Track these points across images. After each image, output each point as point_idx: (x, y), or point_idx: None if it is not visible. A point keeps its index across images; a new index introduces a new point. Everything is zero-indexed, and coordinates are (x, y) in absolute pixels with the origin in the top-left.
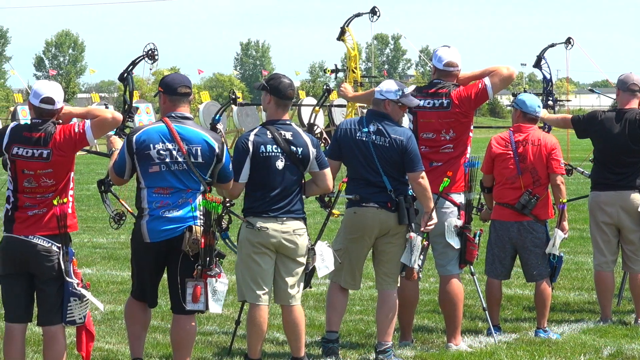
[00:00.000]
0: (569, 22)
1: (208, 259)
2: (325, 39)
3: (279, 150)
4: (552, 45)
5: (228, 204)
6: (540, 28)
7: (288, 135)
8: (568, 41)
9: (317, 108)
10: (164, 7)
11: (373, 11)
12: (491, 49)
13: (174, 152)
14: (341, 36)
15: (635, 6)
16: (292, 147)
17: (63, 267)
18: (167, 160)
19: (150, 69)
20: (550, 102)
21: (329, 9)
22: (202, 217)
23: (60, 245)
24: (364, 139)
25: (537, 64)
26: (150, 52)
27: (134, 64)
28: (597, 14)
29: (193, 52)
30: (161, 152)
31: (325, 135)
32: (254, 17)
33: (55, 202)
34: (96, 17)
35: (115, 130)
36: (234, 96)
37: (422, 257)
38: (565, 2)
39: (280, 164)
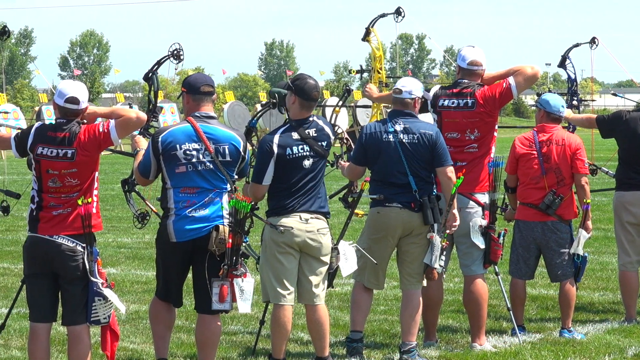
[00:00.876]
0: (593, 21)
1: (234, 258)
2: (349, 39)
3: (306, 150)
4: (577, 45)
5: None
6: (565, 28)
7: (312, 132)
8: (593, 41)
9: (337, 108)
10: (189, 7)
11: (398, 11)
12: (516, 48)
13: (201, 152)
14: (366, 37)
15: None
16: (318, 143)
17: (87, 266)
18: (194, 160)
19: (176, 69)
20: (574, 102)
21: (353, 9)
22: (228, 216)
23: (84, 245)
24: (390, 139)
25: (562, 64)
26: (175, 52)
27: (159, 63)
28: (622, 13)
29: (217, 52)
30: (188, 152)
31: (347, 135)
32: (278, 17)
33: (79, 201)
34: (121, 16)
35: (139, 130)
36: (274, 100)
37: (443, 257)
38: (590, 1)
39: (307, 163)
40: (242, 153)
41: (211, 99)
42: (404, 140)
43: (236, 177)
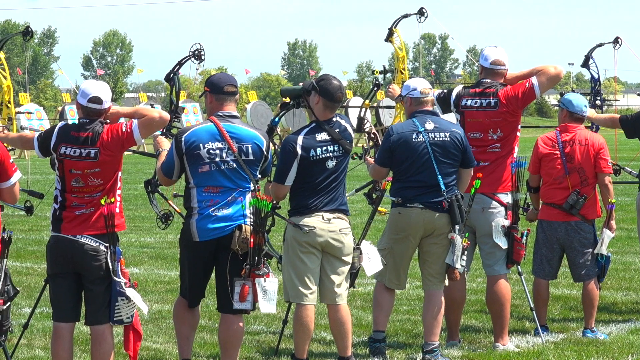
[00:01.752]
0: (617, 21)
1: (257, 258)
2: (372, 39)
3: (330, 150)
4: (600, 45)
5: (274, 206)
6: (588, 27)
7: (337, 131)
8: (616, 40)
9: (367, 102)
10: (212, 6)
11: (420, 12)
12: (539, 48)
13: (224, 151)
14: (389, 37)
15: None
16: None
17: (111, 266)
18: (217, 159)
19: (197, 69)
20: (597, 102)
21: (376, 9)
22: (251, 215)
23: (107, 244)
24: (421, 139)
25: (585, 64)
26: (197, 52)
27: (180, 64)
28: None
29: (240, 52)
30: (211, 151)
31: (374, 130)
32: (301, 16)
33: (102, 201)
34: (143, 16)
35: (161, 130)
36: (287, 100)
37: (464, 257)
38: (613, 1)
39: (331, 164)
40: (265, 152)
41: (234, 98)
42: (435, 139)
43: (259, 176)
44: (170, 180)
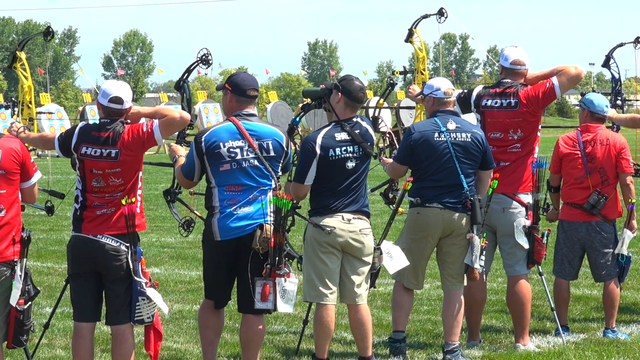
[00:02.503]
0: (637, 21)
1: (277, 258)
2: (393, 39)
3: (350, 151)
4: (621, 45)
5: (294, 206)
6: (608, 27)
7: (358, 132)
8: (637, 40)
9: (381, 101)
10: (232, 6)
11: (440, 12)
12: (559, 48)
13: (245, 149)
14: (409, 38)
15: None
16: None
17: (131, 266)
18: (238, 157)
19: (206, 74)
20: (618, 102)
21: (396, 9)
22: (272, 214)
23: (128, 244)
24: (442, 138)
25: (606, 64)
26: (204, 57)
27: (189, 71)
28: None
29: (260, 51)
30: (231, 149)
31: (390, 131)
32: (321, 16)
33: (123, 201)
34: (164, 16)
35: (176, 138)
36: (309, 101)
37: (483, 257)
38: (634, 1)
39: (350, 165)
40: (285, 148)
41: (254, 101)
42: (457, 139)
43: (280, 173)
44: (192, 182)
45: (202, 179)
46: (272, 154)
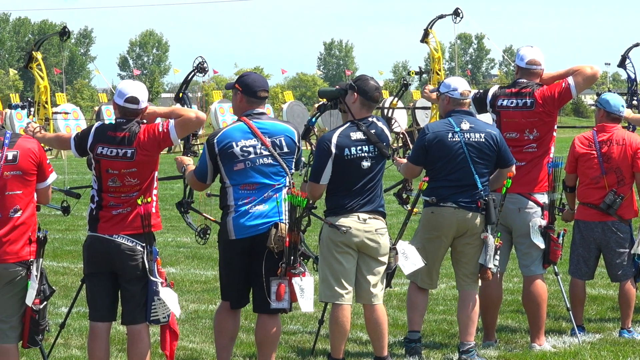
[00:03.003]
0: None
1: (292, 257)
2: (408, 39)
3: (365, 150)
4: (637, 45)
5: (310, 206)
6: (624, 27)
7: (373, 132)
8: None
9: (395, 101)
10: (248, 6)
11: (456, 12)
12: (575, 48)
13: (258, 147)
14: (425, 38)
15: None
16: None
17: (147, 266)
18: (251, 156)
19: (204, 82)
20: (634, 102)
21: (412, 9)
22: (287, 212)
23: (144, 244)
24: (456, 139)
25: (622, 64)
26: (200, 65)
27: (187, 82)
28: None
29: (276, 51)
30: (244, 148)
31: (403, 131)
32: (337, 16)
33: (139, 201)
34: (180, 16)
35: (183, 150)
36: (324, 101)
37: (497, 257)
38: None
39: (365, 164)
40: (297, 143)
41: (265, 102)
42: (471, 140)
43: (293, 169)
44: (205, 185)
45: (215, 181)
46: (285, 150)
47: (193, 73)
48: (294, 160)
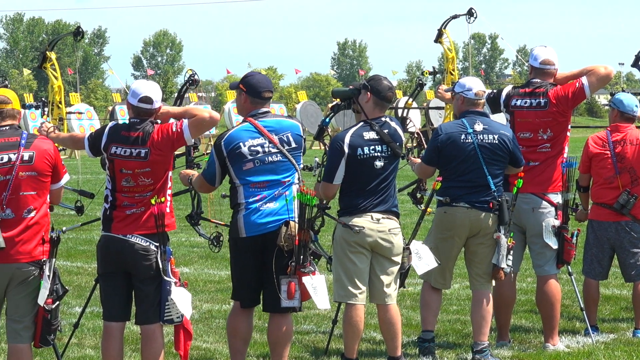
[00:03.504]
0: None
1: (302, 256)
2: (422, 39)
3: (378, 150)
4: None
5: (323, 206)
6: (638, 27)
7: (386, 132)
8: None
9: (409, 101)
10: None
11: (470, 12)
12: (589, 48)
13: (266, 145)
14: (438, 38)
15: None
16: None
17: (161, 266)
18: (260, 154)
19: (193, 90)
20: None
21: (426, 9)
22: (297, 210)
23: (158, 244)
24: (469, 140)
25: (635, 64)
26: (191, 77)
27: (180, 97)
28: None
29: (290, 51)
30: (252, 148)
31: (418, 131)
32: (351, 16)
33: (153, 201)
34: (194, 16)
35: (186, 164)
36: (338, 101)
37: (510, 257)
38: None
39: (379, 164)
40: (303, 135)
41: (269, 102)
42: (484, 141)
43: (302, 164)
44: (213, 187)
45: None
46: (293, 145)
47: (186, 87)
48: (302, 153)
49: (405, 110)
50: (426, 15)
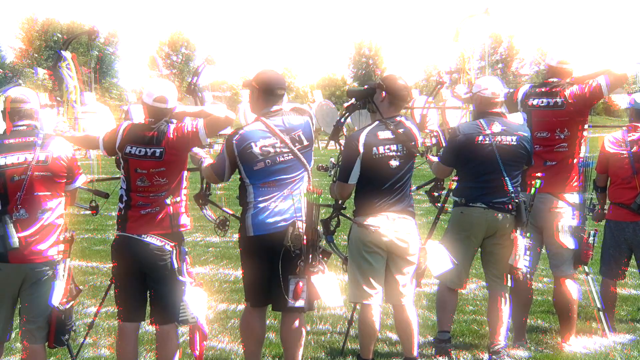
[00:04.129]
0: None
1: (311, 255)
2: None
3: (393, 150)
4: None
5: (339, 207)
6: None
7: (401, 131)
8: None
9: (429, 100)
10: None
11: (486, 12)
12: (606, 47)
13: (277, 145)
14: (455, 37)
15: None
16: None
17: (176, 266)
18: (272, 155)
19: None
20: None
21: (442, 8)
22: (304, 209)
23: (173, 244)
24: (487, 141)
25: None
26: (208, 57)
27: (196, 74)
28: None
29: (306, 51)
30: (264, 148)
31: (437, 129)
32: (367, 16)
33: (167, 201)
34: (209, 16)
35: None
36: (353, 101)
37: (527, 257)
38: None
39: (394, 163)
40: (312, 126)
41: (282, 99)
42: (502, 142)
43: (312, 162)
44: (222, 181)
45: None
46: (305, 143)
47: (203, 65)
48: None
49: (425, 110)
50: (442, 14)
